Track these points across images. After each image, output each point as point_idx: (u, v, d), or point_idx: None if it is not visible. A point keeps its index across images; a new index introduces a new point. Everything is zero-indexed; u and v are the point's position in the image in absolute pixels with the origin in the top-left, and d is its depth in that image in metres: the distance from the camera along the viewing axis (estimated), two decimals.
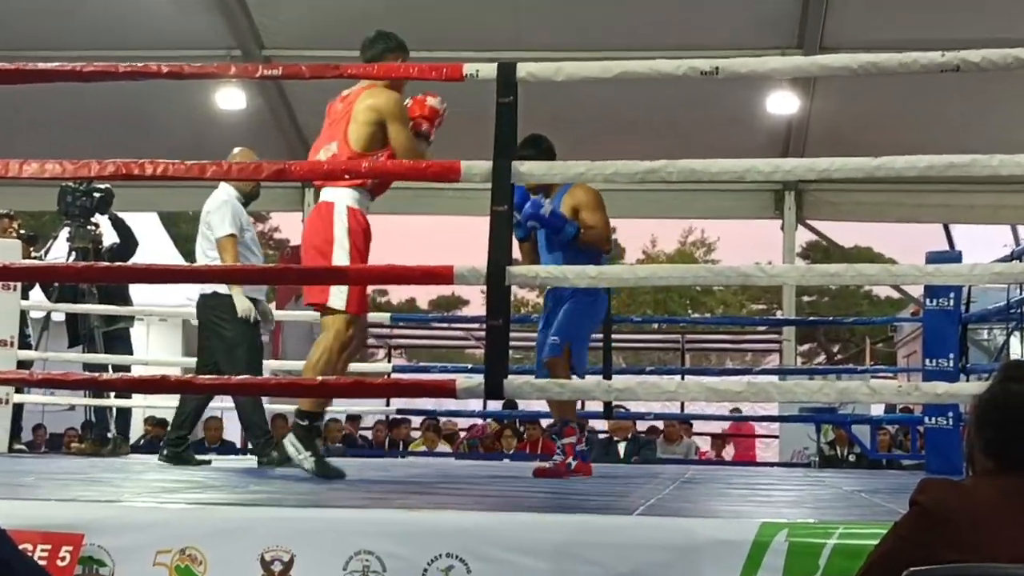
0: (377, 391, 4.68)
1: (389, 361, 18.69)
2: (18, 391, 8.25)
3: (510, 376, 4.03)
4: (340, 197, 5.09)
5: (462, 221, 13.11)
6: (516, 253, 4.72)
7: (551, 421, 6.21)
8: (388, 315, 10.26)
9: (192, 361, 8.80)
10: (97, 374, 5.80)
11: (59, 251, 8.75)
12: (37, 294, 8.72)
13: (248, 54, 11.08)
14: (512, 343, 4.29)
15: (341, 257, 5.04)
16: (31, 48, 10.36)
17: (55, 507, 3.40)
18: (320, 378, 4.56)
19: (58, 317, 8.91)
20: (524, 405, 11.91)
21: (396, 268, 4.17)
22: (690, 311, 30.65)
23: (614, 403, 8.90)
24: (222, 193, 6.74)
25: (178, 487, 4.61)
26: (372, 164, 4.13)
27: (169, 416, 14.07)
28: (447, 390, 4.09)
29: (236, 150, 6.81)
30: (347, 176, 4.29)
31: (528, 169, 4.05)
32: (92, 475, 5.24)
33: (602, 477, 5.93)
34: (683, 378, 11.37)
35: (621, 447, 10.56)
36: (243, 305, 6.66)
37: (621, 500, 4.16)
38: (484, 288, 3.98)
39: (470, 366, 12.31)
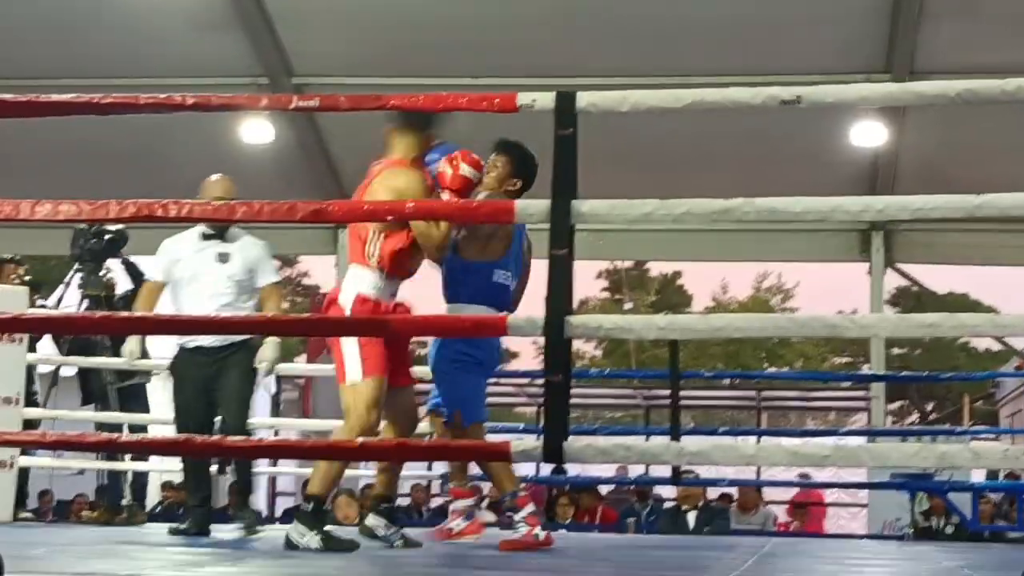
0: (423, 454, 4.69)
1: (431, 419, 18.73)
2: (24, 454, 8.29)
3: (571, 437, 4.03)
4: (348, 285, 5.45)
5: None
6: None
7: (501, 496, 6.26)
8: (428, 369, 10.25)
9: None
10: (113, 435, 5.82)
11: (70, 299, 8.84)
12: (45, 347, 8.80)
13: (276, 82, 11.17)
14: (570, 399, 4.28)
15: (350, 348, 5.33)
16: (41, 77, 10.55)
17: None
18: (360, 440, 4.58)
19: (68, 372, 8.99)
20: (580, 469, 11.91)
21: (443, 319, 4.19)
22: (766, 364, 30.51)
23: (683, 468, 8.88)
24: (255, 239, 6.96)
25: (202, 560, 4.64)
26: (418, 205, 4.16)
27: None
28: (500, 453, 4.10)
29: (213, 177, 6.98)
30: (389, 217, 4.31)
31: (590, 209, 4.06)
32: (108, 547, 5.28)
33: (675, 548, 5.92)
34: (759, 440, 11.32)
35: (690, 516, 10.52)
36: (273, 355, 6.81)
37: (701, 575, 4.15)
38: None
39: (522, 425, 12.29)
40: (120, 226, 8.20)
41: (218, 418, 6.96)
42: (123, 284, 8.66)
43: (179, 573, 4.02)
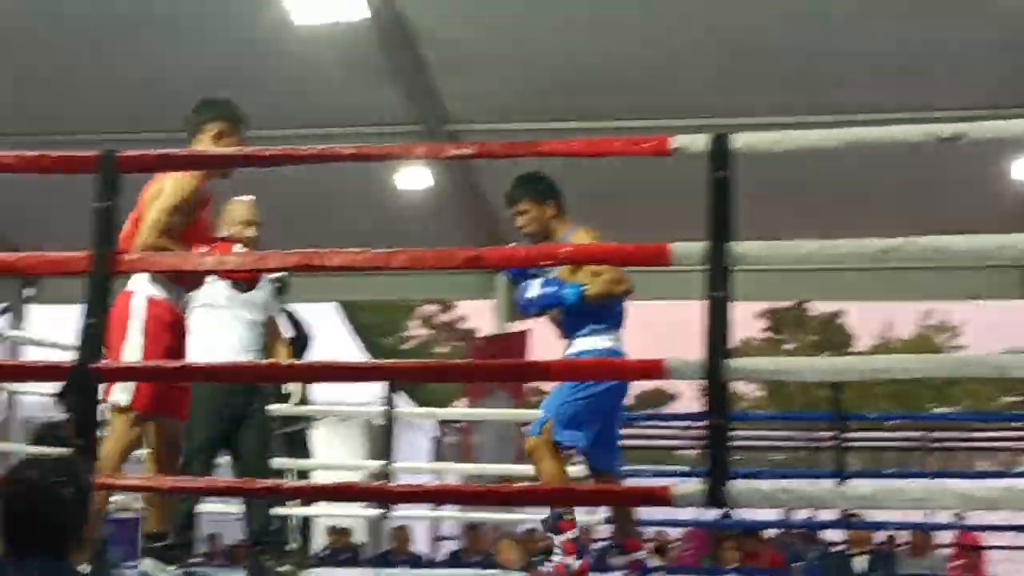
0: (582, 498, 4.69)
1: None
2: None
3: (734, 480, 4.01)
4: (138, 285, 5.27)
5: (661, 307, 13.10)
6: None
7: (545, 515, 6.02)
8: None
9: (375, 464, 8.97)
10: (280, 481, 5.95)
11: None
12: None
13: (432, 129, 11.29)
14: (732, 442, 4.26)
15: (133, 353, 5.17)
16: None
17: None
18: (520, 485, 4.60)
19: None
20: (744, 512, 11.76)
21: (600, 362, 4.20)
22: (934, 403, 29.94)
23: (851, 511, 8.75)
24: None
25: None
26: (577, 248, 4.18)
27: (351, 524, 14.40)
28: (660, 498, 4.08)
29: (241, 199, 7.04)
30: (547, 262, 4.34)
31: (748, 251, 4.04)
32: None
33: None
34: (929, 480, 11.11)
35: (858, 561, 10.36)
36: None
37: None
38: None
39: (685, 469, 12.21)
40: (282, 274, 8.31)
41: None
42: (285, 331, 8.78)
43: None
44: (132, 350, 5.21)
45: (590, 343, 5.75)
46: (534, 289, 5.65)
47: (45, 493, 3.01)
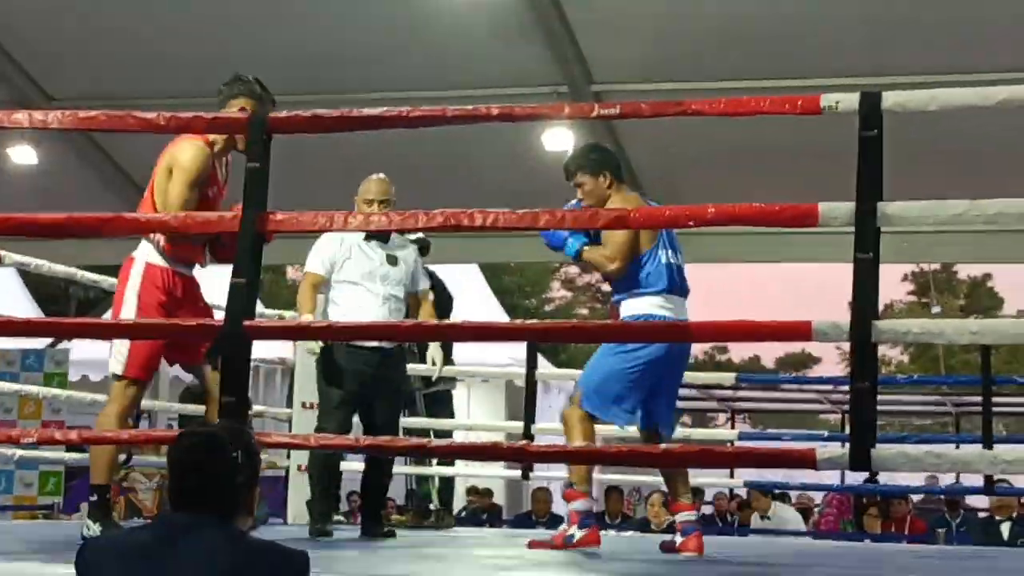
0: (727, 460, 4.68)
1: (732, 426, 18.59)
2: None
3: (878, 445, 3.97)
4: (140, 252, 5.41)
5: (801, 269, 12.97)
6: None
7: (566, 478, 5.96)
8: (733, 375, 10.17)
9: (516, 425, 9.02)
10: (425, 440, 6.01)
11: None
12: None
13: (576, 90, 11.26)
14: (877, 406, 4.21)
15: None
16: (348, 91, 10.89)
17: None
18: (663, 446, 4.59)
19: None
20: (887, 478, 11.65)
21: (747, 324, 4.17)
22: None
23: (996, 477, 8.60)
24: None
25: (512, 564, 4.73)
26: (721, 209, 4.15)
27: (491, 484, 14.49)
28: (806, 460, 4.05)
29: (372, 177, 7.09)
30: (691, 223, 4.32)
31: (897, 211, 3.99)
32: (421, 550, 5.41)
33: (988, 558, 5.74)
34: None
35: (1004, 527, 10.19)
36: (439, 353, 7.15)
37: None
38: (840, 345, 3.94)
39: (826, 433, 12.11)
40: (420, 235, 8.33)
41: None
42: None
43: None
44: (127, 311, 5.37)
45: (631, 308, 5.73)
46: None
47: (219, 456, 3.06)
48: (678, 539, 5.68)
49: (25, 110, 5.35)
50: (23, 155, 12.83)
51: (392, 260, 6.98)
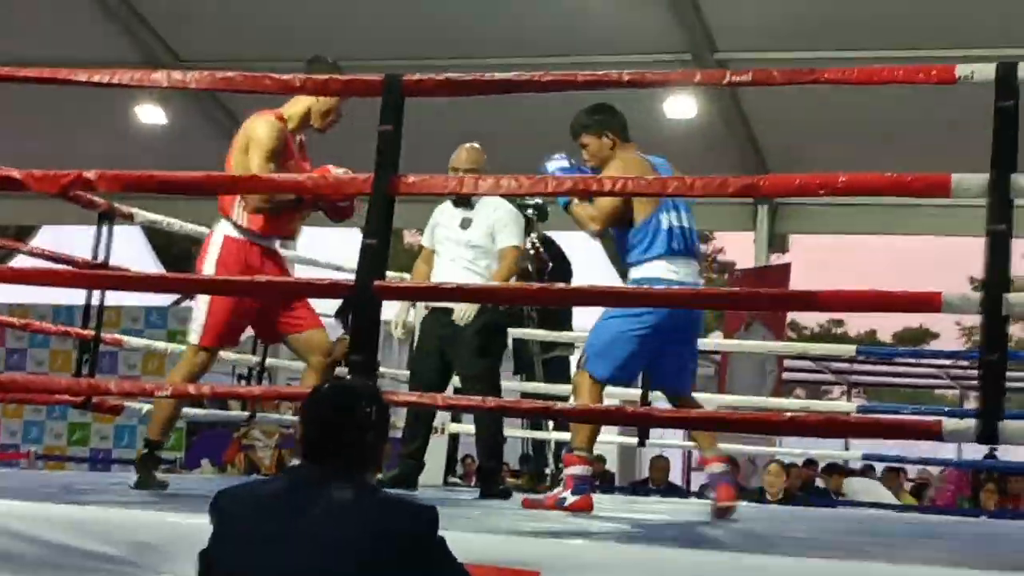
0: (852, 430, 4.68)
1: (849, 399, 18.44)
2: (454, 420, 8.63)
3: (1006, 419, 3.94)
4: (220, 227, 5.66)
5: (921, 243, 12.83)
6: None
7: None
8: (852, 347, 10.11)
9: (630, 392, 9.03)
10: (550, 403, 6.05)
11: None
12: None
13: (699, 58, 11.23)
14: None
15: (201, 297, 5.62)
16: (472, 56, 10.94)
17: (511, 542, 3.60)
18: (789, 414, 4.59)
19: None
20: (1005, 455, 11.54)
21: (876, 293, 4.15)
22: None
23: None
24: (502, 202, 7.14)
25: (616, 530, 4.77)
26: (853, 178, 4.13)
27: (604, 451, 14.51)
28: (932, 432, 4.04)
29: (465, 146, 7.12)
30: (822, 191, 4.30)
31: None
32: (537, 512, 5.47)
33: None
34: None
35: None
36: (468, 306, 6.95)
37: None
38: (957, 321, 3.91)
39: (947, 408, 12.01)
40: (538, 200, 8.34)
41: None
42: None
43: (602, 538, 4.14)
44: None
45: (635, 273, 5.70)
46: (555, 163, 5.60)
47: (353, 410, 3.13)
48: (712, 494, 5.81)
49: (163, 70, 5.47)
50: (151, 115, 13.06)
51: (465, 223, 7.06)
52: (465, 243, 7.01)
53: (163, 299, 14.49)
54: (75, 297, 11.29)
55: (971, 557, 4.67)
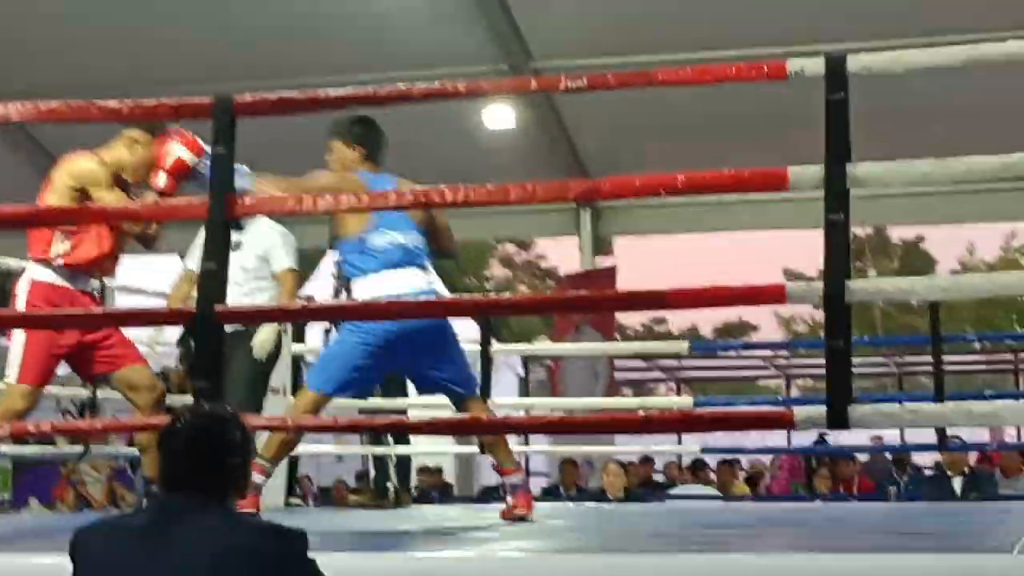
0: (705, 424, 4.72)
1: (678, 394, 18.70)
2: None
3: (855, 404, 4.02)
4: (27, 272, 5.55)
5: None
6: None
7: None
8: (685, 344, 10.26)
9: None
10: (398, 417, 6.04)
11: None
12: (314, 336, 9.04)
13: (516, 68, 11.26)
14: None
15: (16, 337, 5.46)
16: (292, 75, 10.81)
17: (411, 561, 3.57)
18: (643, 412, 4.62)
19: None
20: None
21: (722, 288, 4.21)
22: (1018, 326, 29.66)
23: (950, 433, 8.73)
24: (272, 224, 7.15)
25: (489, 537, 4.76)
26: (691, 177, 4.18)
27: (443, 463, 14.50)
28: (785, 421, 4.11)
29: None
30: (662, 192, 4.34)
31: (866, 172, 4.04)
32: (392, 527, 5.43)
33: (946, 515, 5.81)
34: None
35: (956, 482, 10.32)
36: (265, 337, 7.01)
37: (988, 539, 4.10)
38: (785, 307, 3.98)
39: (780, 397, 12.24)
40: None
41: None
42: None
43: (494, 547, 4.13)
44: (16, 331, 5.52)
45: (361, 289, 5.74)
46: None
47: (222, 437, 3.07)
48: (509, 500, 5.84)
49: None
50: None
51: (235, 246, 6.99)
52: (239, 267, 6.90)
53: None
54: None
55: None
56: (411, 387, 9.33)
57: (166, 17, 10.98)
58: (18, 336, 5.52)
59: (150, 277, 8.84)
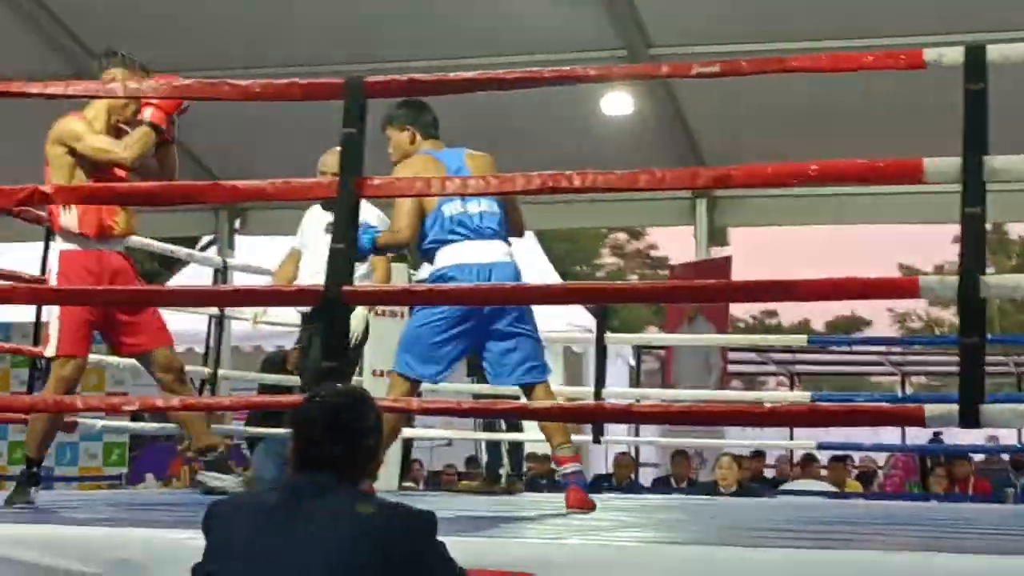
0: (833, 419, 4.67)
1: (791, 388, 18.57)
2: (407, 424, 8.55)
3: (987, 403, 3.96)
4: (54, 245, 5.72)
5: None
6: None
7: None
8: (805, 337, 10.16)
9: (580, 390, 9.02)
10: (523, 403, 6.01)
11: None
12: None
13: (634, 54, 11.19)
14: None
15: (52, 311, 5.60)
16: (406, 59, 10.84)
17: (505, 545, 3.57)
18: (768, 406, 4.58)
19: None
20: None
21: (856, 280, 4.15)
22: None
23: None
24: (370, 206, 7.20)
25: (604, 526, 4.76)
26: (824, 165, 4.13)
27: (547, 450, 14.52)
28: (914, 418, 4.05)
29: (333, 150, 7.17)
30: (794, 181, 4.30)
31: (1005, 165, 3.97)
32: (510, 513, 5.45)
33: None
34: None
35: None
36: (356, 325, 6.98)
37: None
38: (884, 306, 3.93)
39: (899, 394, 12.10)
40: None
41: None
42: None
43: (593, 536, 4.12)
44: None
45: (429, 267, 5.81)
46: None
47: (358, 418, 3.09)
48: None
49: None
50: None
51: (328, 228, 7.06)
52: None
53: None
54: (11, 314, 11.23)
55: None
56: None
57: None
58: (54, 310, 5.67)
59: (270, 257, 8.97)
